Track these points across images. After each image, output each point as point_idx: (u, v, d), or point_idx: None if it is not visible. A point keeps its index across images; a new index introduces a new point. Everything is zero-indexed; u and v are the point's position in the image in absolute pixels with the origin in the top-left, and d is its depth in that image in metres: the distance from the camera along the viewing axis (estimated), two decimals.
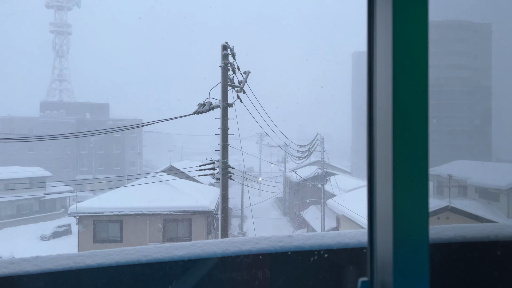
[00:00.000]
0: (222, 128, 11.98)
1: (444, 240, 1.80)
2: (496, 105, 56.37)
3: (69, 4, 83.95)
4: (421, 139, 0.84)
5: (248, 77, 13.00)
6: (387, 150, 0.86)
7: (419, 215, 0.85)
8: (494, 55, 58.39)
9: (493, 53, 58.61)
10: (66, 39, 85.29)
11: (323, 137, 31.41)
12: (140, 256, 1.71)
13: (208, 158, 13.09)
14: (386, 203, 0.87)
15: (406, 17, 0.83)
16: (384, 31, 0.86)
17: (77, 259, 1.68)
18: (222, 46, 12.19)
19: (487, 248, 1.82)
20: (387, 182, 0.86)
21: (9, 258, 1.74)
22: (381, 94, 0.89)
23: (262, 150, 67.59)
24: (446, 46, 56.72)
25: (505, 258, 1.82)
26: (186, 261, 1.73)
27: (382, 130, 0.88)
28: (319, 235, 1.91)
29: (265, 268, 1.77)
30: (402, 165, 0.84)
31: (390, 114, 0.84)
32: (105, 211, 23.05)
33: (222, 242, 1.83)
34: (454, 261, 1.79)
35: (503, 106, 56.75)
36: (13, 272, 1.60)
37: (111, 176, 57.34)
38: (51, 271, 1.63)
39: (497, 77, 57.22)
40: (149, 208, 23.06)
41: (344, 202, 25.81)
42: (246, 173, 28.37)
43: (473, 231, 1.86)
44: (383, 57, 0.87)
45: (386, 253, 0.87)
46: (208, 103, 12.03)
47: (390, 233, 0.85)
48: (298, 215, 39.24)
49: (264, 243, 1.82)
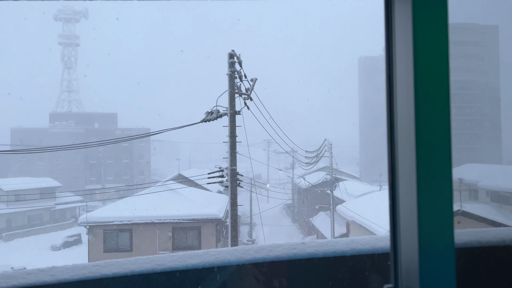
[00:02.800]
0: (230, 135, 12.01)
1: (460, 245, 1.78)
2: (505, 107, 55.81)
3: (76, 16, 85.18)
4: (444, 143, 0.84)
5: (255, 84, 13.04)
6: (410, 154, 0.86)
7: (444, 219, 0.85)
8: (502, 57, 57.96)
9: (501, 55, 58.18)
10: (74, 50, 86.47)
11: (331, 143, 31.29)
12: (155, 265, 1.72)
13: (217, 166, 13.11)
14: (410, 208, 0.86)
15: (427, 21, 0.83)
16: (404, 35, 0.86)
17: (92, 269, 1.69)
18: (228, 54, 12.26)
19: (505, 252, 1.80)
20: (410, 187, 0.86)
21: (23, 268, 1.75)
22: (402, 99, 0.89)
23: (269, 156, 67.53)
24: (453, 49, 56.22)
25: None
26: (200, 269, 1.74)
27: (404, 134, 0.88)
28: (332, 242, 1.90)
29: (280, 275, 1.76)
30: (426, 169, 0.84)
31: (413, 117, 0.84)
32: (114, 220, 23.13)
33: (236, 250, 1.83)
34: (473, 266, 1.77)
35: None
36: (31, 283, 1.62)
37: (120, 185, 57.62)
38: (68, 281, 1.64)
39: (506, 79, 56.75)
40: (158, 216, 23.11)
41: (354, 208, 25.63)
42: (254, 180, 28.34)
43: (489, 236, 1.84)
44: (404, 61, 0.87)
45: (411, 258, 0.86)
46: (216, 111, 12.07)
47: (414, 238, 0.85)
48: (307, 221, 39.03)
49: (277, 250, 1.81)
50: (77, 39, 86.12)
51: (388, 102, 0.94)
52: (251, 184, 30.27)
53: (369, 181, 54.66)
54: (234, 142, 12.09)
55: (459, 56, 56.94)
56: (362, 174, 70.21)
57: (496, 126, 55.88)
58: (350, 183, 38.37)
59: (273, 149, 63.68)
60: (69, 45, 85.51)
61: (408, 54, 0.85)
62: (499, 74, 57.38)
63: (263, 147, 65.90)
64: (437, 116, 0.84)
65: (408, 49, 0.85)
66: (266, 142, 63.58)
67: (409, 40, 0.84)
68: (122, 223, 23.02)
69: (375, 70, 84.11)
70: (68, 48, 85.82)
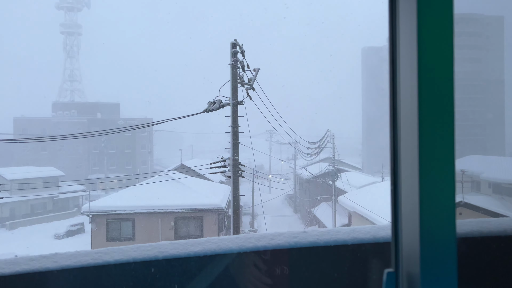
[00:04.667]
0: (232, 125, 12.01)
1: (461, 235, 1.78)
2: (509, 99, 55.51)
3: (79, 5, 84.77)
4: (447, 132, 0.85)
5: (258, 74, 12.99)
6: (412, 143, 0.86)
7: (446, 207, 0.85)
8: (507, 48, 57.49)
9: (506, 46, 57.70)
10: (77, 39, 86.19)
11: (333, 134, 31.26)
12: (157, 252, 1.73)
13: (219, 156, 13.13)
14: (412, 195, 0.87)
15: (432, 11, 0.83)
16: (409, 25, 0.86)
17: (95, 256, 1.70)
18: (231, 44, 12.20)
19: (506, 242, 1.80)
20: (413, 175, 0.87)
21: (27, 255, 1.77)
22: (405, 89, 0.89)
23: (272, 147, 67.56)
24: (458, 39, 54.85)
25: None
26: (202, 257, 1.75)
27: (406, 124, 0.89)
28: (334, 230, 1.90)
29: (281, 263, 1.77)
30: (429, 159, 0.84)
31: (416, 107, 0.84)
32: (117, 209, 23.28)
33: (237, 238, 1.84)
34: (474, 255, 1.78)
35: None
36: (34, 269, 1.63)
37: (123, 175, 57.85)
38: (70, 268, 1.65)
39: (510, 71, 56.34)
40: (160, 206, 23.23)
41: (356, 198, 25.68)
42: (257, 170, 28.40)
43: (490, 226, 1.84)
44: (407, 52, 0.87)
45: (412, 244, 0.87)
46: (218, 101, 12.06)
47: (416, 225, 0.86)
48: (309, 212, 39.18)
49: (279, 238, 1.82)
50: (79, 28, 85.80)
51: (391, 93, 0.94)
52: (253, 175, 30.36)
53: (371, 172, 54.68)
54: (236, 132, 12.09)
55: (463, 47, 56.49)
56: (364, 165, 70.19)
57: (499, 118, 55.63)
58: (352, 174, 38.40)
59: (276, 140, 63.69)
60: (71, 34, 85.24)
61: (412, 45, 0.85)
62: (503, 66, 56.98)
63: (266, 138, 65.91)
64: (440, 108, 0.84)
65: (412, 40, 0.85)
66: (269, 132, 63.54)
67: (413, 31, 0.84)
68: (125, 212, 23.17)
69: (379, 60, 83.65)
70: (70, 37, 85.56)
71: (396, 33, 0.92)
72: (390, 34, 0.94)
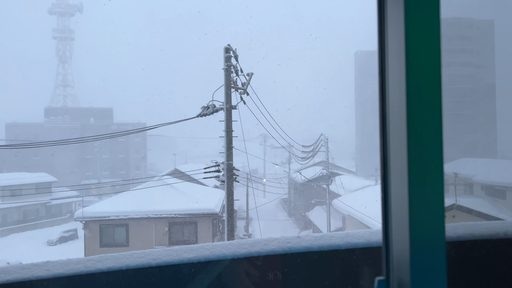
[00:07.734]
0: (226, 130, 12.00)
1: (453, 239, 1.79)
2: (501, 102, 56.07)
3: (71, 10, 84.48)
4: (435, 137, 0.85)
5: (251, 78, 13.01)
6: (401, 149, 0.87)
7: (435, 213, 0.86)
8: (497, 52, 58.13)
9: (496, 50, 58.35)
10: (69, 44, 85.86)
11: (327, 137, 31.35)
12: (150, 259, 1.72)
13: (213, 161, 13.10)
14: (402, 201, 0.88)
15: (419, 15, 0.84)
16: (396, 29, 0.87)
17: (87, 263, 1.69)
18: (224, 48, 12.21)
19: (497, 245, 1.81)
20: (402, 181, 0.87)
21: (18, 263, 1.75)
22: (394, 93, 0.90)
23: (266, 151, 67.59)
24: (448, 43, 56.58)
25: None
26: (196, 263, 1.74)
27: (396, 129, 0.89)
28: (328, 235, 1.91)
29: (275, 269, 1.77)
30: (417, 163, 0.85)
31: (404, 111, 0.85)
32: (111, 215, 23.11)
33: (231, 244, 1.83)
34: (465, 259, 1.79)
35: (508, 102, 56.46)
36: (25, 277, 1.61)
37: (116, 180, 57.53)
38: (62, 276, 1.64)
39: (501, 74, 56.94)
40: (154, 211, 23.10)
41: (350, 202, 25.74)
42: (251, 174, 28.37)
43: (482, 229, 1.85)
44: (396, 55, 0.88)
45: (402, 251, 0.88)
46: (212, 105, 12.05)
47: (406, 231, 0.86)
48: (303, 216, 39.17)
49: (273, 244, 1.82)
50: (72, 33, 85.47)
51: (380, 97, 0.95)
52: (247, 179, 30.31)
53: (365, 175, 54.85)
54: (230, 136, 12.08)
55: (454, 51, 57.03)
56: (358, 169, 70.43)
57: (491, 121, 56.14)
58: (346, 177, 38.52)
59: (270, 144, 63.74)
60: (64, 39, 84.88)
61: (400, 48, 0.86)
62: (494, 69, 57.56)
63: (260, 142, 65.93)
64: (428, 111, 0.85)
65: (400, 43, 0.85)
66: (263, 136, 63.59)
67: (401, 34, 0.85)
68: (119, 218, 23.00)
69: (371, 64, 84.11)
70: (63, 42, 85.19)
71: (384, 36, 0.93)
72: (379, 37, 0.95)
